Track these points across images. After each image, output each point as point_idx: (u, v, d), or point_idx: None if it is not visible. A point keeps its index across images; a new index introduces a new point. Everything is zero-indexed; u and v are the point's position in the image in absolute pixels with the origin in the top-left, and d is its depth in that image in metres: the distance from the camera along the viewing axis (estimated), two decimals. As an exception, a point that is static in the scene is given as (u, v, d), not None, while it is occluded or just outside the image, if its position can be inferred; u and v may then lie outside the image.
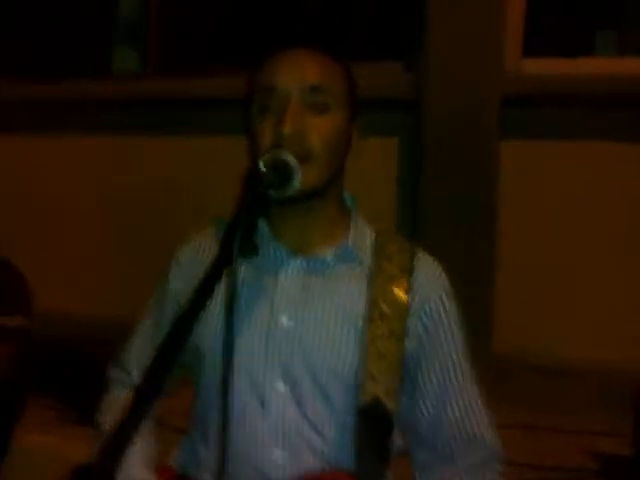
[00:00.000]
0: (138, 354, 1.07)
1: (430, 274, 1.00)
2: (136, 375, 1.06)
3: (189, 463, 1.00)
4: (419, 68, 2.59)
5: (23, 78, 3.04)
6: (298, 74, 0.91)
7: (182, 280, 1.02)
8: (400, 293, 0.96)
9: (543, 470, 2.01)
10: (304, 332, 0.93)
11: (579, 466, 2.04)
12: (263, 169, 0.82)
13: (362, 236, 1.01)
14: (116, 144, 2.86)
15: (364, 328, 0.93)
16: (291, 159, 0.87)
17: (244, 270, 0.98)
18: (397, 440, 1.01)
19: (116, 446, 0.61)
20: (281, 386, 0.92)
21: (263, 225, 0.99)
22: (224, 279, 0.75)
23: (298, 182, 0.88)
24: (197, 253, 1.03)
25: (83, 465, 0.75)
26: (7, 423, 1.99)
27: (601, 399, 2.27)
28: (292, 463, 0.91)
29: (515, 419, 2.19)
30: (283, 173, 0.86)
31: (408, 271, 0.98)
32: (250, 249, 0.78)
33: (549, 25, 2.71)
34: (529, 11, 2.57)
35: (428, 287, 0.98)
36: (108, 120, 2.82)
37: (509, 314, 2.46)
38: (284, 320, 0.94)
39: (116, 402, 1.05)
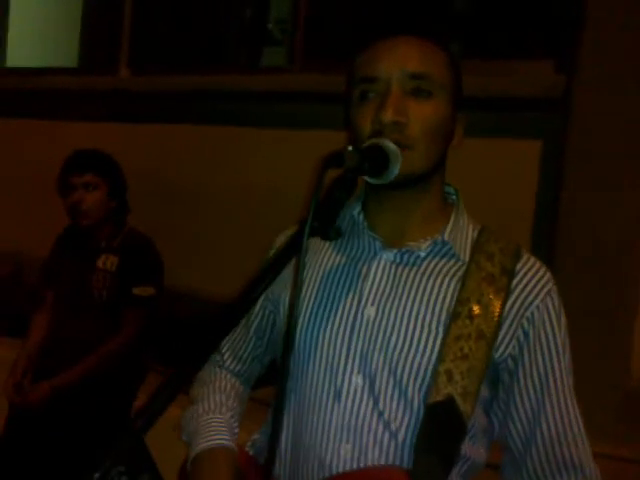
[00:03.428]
0: (231, 339, 1.10)
1: (535, 278, 0.92)
2: (227, 358, 1.10)
3: (263, 449, 1.00)
4: (572, 67, 2.40)
5: (176, 71, 3.26)
6: (399, 61, 0.89)
7: None
8: (497, 295, 0.90)
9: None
10: (388, 326, 0.90)
11: None
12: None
13: (462, 231, 0.95)
14: (261, 136, 2.96)
15: (450, 326, 0.88)
16: (392, 146, 0.85)
17: (336, 258, 0.98)
18: (482, 453, 0.95)
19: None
20: (359, 379, 0.89)
21: (359, 215, 0.98)
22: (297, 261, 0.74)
23: (397, 169, 0.85)
24: None
25: None
26: (132, 387, 2.16)
27: None
28: (359, 458, 0.88)
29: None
30: (382, 160, 0.84)
31: (509, 272, 0.91)
32: (333, 232, 0.77)
33: None
34: None
35: (532, 291, 0.91)
36: (254, 111, 2.94)
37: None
38: (371, 312, 0.91)
39: (208, 379, 1.08)
